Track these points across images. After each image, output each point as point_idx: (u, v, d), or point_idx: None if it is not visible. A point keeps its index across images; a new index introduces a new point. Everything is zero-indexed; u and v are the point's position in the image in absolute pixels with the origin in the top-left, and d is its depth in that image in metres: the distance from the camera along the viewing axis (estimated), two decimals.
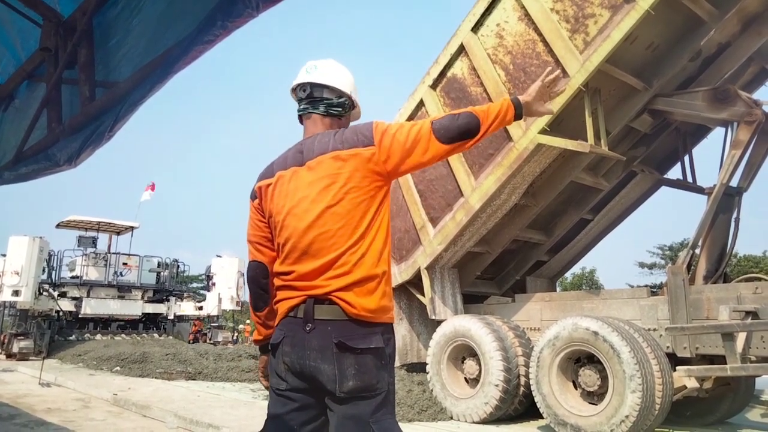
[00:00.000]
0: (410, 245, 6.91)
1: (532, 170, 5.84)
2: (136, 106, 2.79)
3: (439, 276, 6.81)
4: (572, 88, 5.15)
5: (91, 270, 16.35)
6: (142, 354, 11.03)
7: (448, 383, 6.24)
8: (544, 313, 6.32)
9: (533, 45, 5.59)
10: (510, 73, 5.77)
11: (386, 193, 1.89)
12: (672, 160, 7.36)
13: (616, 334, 4.95)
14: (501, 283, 7.84)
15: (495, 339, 5.84)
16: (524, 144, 5.61)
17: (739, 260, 28.65)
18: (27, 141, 3.54)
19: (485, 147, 6.02)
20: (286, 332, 1.79)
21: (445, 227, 6.42)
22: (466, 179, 6.20)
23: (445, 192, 6.50)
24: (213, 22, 2.27)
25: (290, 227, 1.82)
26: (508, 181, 5.82)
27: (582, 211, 7.26)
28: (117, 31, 2.96)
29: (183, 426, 5.83)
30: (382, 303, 1.78)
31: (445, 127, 1.83)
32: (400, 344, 6.81)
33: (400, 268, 6.98)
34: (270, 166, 1.98)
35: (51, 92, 3.24)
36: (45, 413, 6.34)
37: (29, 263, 12.77)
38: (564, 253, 7.97)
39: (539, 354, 5.44)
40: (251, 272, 1.99)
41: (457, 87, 6.30)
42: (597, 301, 5.97)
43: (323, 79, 1.98)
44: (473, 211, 6.11)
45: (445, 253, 6.56)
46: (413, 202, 6.81)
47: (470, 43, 6.07)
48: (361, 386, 1.69)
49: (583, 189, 6.93)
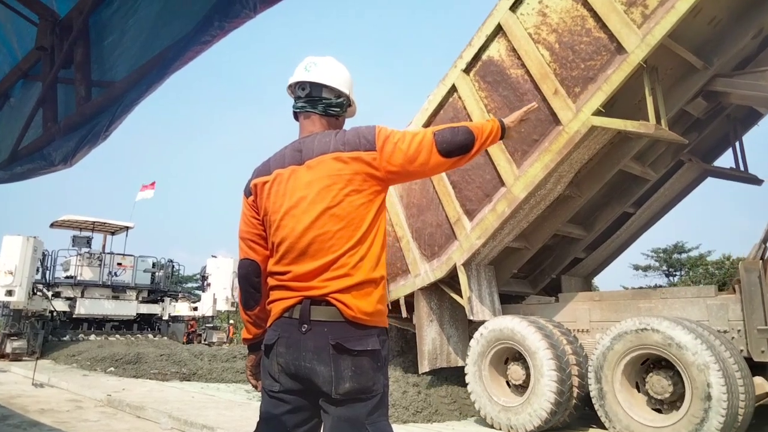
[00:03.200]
0: (443, 240, 6.44)
1: (580, 156, 5.45)
2: (132, 106, 2.78)
3: (476, 274, 6.32)
4: (631, 64, 4.79)
5: (86, 270, 16.27)
6: (136, 355, 11.00)
7: (491, 390, 5.79)
8: (593, 314, 5.86)
9: (582, 21, 5.20)
10: (556, 53, 5.38)
11: (383, 199, 1.89)
12: (718, 150, 7.00)
13: (693, 337, 4.49)
14: (535, 282, 7.45)
15: (546, 342, 5.39)
16: (575, 127, 5.18)
17: (733, 263, 28.74)
18: (22, 140, 3.52)
19: (529, 132, 5.56)
20: (280, 333, 1.77)
21: (484, 220, 5.96)
22: (507, 167, 5.75)
23: (483, 182, 6.05)
24: (210, 23, 2.26)
25: (288, 227, 1.80)
26: (556, 168, 5.40)
27: (625, 204, 6.86)
28: (113, 31, 2.95)
29: (177, 427, 5.81)
30: (378, 307, 1.78)
31: (447, 141, 1.83)
32: (429, 347, 6.49)
33: (432, 265, 6.52)
34: (266, 163, 1.95)
35: (46, 91, 3.22)
36: (38, 414, 6.31)
37: (23, 263, 12.71)
38: (602, 249, 7.57)
39: (601, 358, 5.04)
40: (243, 270, 1.96)
41: (494, 70, 5.89)
42: (656, 301, 5.51)
43: (323, 79, 1.97)
44: (517, 201, 5.65)
45: (483, 249, 6.08)
46: (446, 194, 6.34)
47: (508, 23, 5.69)
48: (358, 388, 1.69)
49: (627, 179, 6.55)
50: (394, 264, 6.89)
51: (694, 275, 29.89)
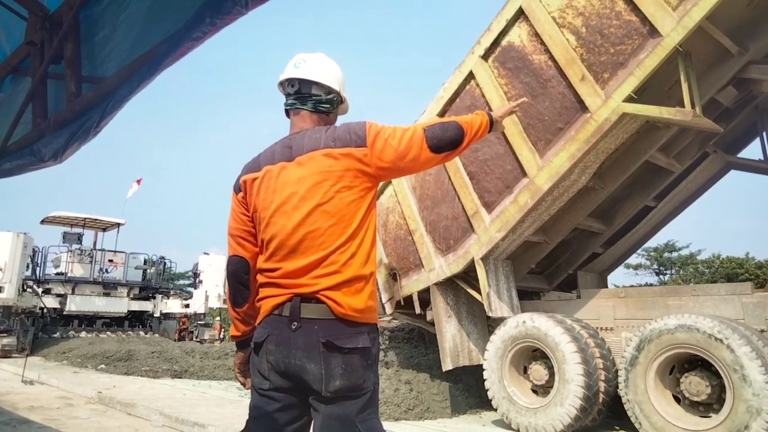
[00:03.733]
0: (459, 234, 6.20)
1: (607, 146, 5.23)
2: (122, 102, 2.77)
3: (493, 268, 6.08)
4: (666, 48, 4.57)
5: (76, 266, 16.18)
6: (127, 352, 10.95)
7: (512, 391, 5.59)
8: (618, 312, 5.63)
9: (611, 4, 5.01)
10: (582, 37, 5.16)
11: (374, 195, 1.89)
12: (743, 142, 6.78)
13: (738, 337, 4.26)
14: (551, 277, 7.23)
15: (571, 340, 5.19)
16: (605, 114, 4.96)
17: (722, 261, 29.02)
18: (11, 136, 3.49)
19: (553, 120, 5.37)
20: (270, 330, 1.77)
21: (505, 212, 5.73)
22: (530, 157, 5.52)
23: (503, 173, 5.80)
24: (201, 19, 2.25)
25: (278, 224, 1.79)
26: (582, 158, 5.20)
27: (648, 197, 6.62)
28: (104, 26, 2.93)
29: (168, 424, 5.79)
30: (369, 303, 1.78)
31: (438, 137, 1.84)
32: (450, 345, 6.26)
33: (447, 259, 6.28)
34: (256, 159, 1.94)
35: (36, 87, 3.20)
36: (28, 411, 6.27)
37: (13, 259, 12.64)
38: (620, 244, 7.35)
39: (633, 357, 4.83)
40: (232, 267, 1.94)
41: (515, 56, 5.66)
42: (686, 298, 5.27)
43: (312, 75, 1.97)
44: (540, 192, 5.44)
45: (502, 243, 5.86)
46: (463, 186, 6.10)
47: (531, 7, 5.47)
48: (348, 386, 1.69)
49: (650, 171, 6.33)
50: (406, 258, 6.74)
51: (685, 274, 30.18)
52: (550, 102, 5.40)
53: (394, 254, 6.92)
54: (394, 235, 6.91)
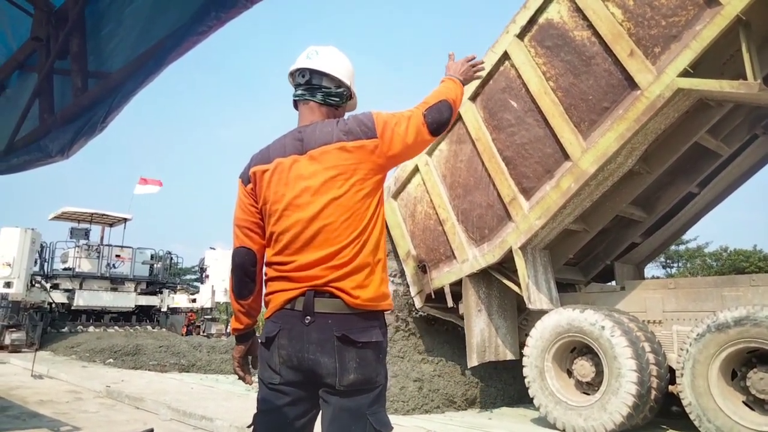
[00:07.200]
0: (494, 223, 5.93)
1: (657, 126, 4.93)
2: (129, 97, 2.77)
3: (531, 259, 5.80)
4: (726, 18, 4.25)
5: (84, 262, 16.27)
6: (135, 346, 11.02)
7: (556, 388, 5.33)
8: (668, 304, 5.32)
9: None
10: (629, 10, 4.86)
11: (382, 184, 1.89)
12: None
13: None
14: (586, 269, 6.94)
15: (622, 334, 4.92)
16: (657, 90, 4.64)
17: (730, 254, 28.86)
18: (18, 132, 3.51)
19: (598, 99, 5.11)
20: (282, 325, 1.76)
21: (546, 198, 5.45)
22: (573, 139, 5.25)
23: (543, 156, 5.52)
24: (206, 13, 2.25)
25: (292, 218, 1.78)
26: (631, 138, 4.90)
27: (692, 183, 6.29)
28: (109, 21, 2.93)
29: (176, 418, 5.83)
30: (381, 290, 1.78)
31: (437, 121, 1.86)
32: (478, 339, 6.05)
33: (481, 249, 6.00)
34: (266, 151, 1.91)
35: (42, 82, 3.20)
36: (37, 405, 6.32)
37: (21, 255, 12.70)
38: (659, 234, 6.98)
39: (695, 352, 4.53)
40: (239, 259, 1.89)
41: (555, 33, 5.39)
42: (744, 289, 4.92)
43: (323, 67, 1.95)
44: (585, 176, 5.15)
45: (542, 231, 5.58)
46: (499, 172, 5.82)
47: None
48: (362, 379, 1.69)
49: (696, 155, 6.00)
50: (436, 249, 6.50)
51: (692, 267, 30.01)
52: (594, 80, 5.15)
53: (422, 245, 6.70)
54: (423, 226, 6.70)
